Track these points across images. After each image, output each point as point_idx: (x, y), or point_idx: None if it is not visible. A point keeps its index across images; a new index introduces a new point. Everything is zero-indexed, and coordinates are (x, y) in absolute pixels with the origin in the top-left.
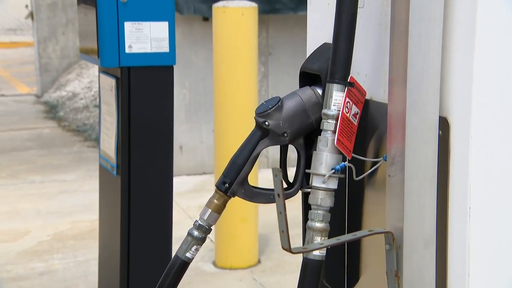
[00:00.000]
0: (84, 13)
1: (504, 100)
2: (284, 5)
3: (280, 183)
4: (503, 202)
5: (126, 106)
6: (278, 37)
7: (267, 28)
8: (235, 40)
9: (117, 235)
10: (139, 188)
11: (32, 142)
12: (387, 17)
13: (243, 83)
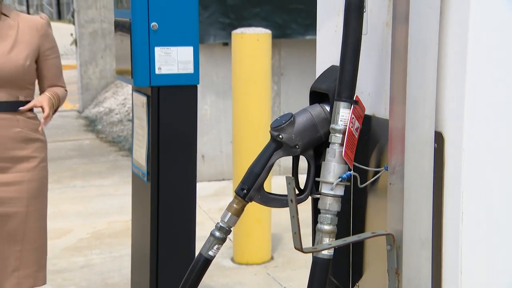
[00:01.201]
0: (120, 39)
1: (494, 117)
2: (294, 30)
3: (293, 190)
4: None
5: (155, 120)
6: (289, 59)
7: (280, 51)
8: (251, 62)
9: (148, 233)
10: (166, 192)
11: (75, 152)
12: (388, 43)
13: (258, 100)
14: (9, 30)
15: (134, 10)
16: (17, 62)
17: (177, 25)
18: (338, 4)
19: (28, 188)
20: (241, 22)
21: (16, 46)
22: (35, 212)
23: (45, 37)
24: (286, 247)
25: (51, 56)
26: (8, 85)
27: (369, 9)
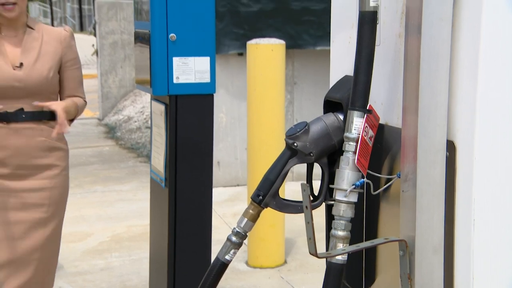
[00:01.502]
0: (140, 50)
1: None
2: (305, 41)
3: (308, 197)
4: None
5: (173, 128)
6: (302, 69)
7: (293, 61)
8: (266, 72)
9: (165, 237)
10: (183, 198)
11: (95, 158)
12: (400, 54)
13: (272, 108)
14: (33, 42)
15: (154, 22)
16: (42, 73)
17: (194, 36)
18: (351, 17)
19: (50, 195)
20: (255, 33)
21: (40, 58)
22: (55, 218)
23: (68, 48)
24: (299, 251)
25: (72, 67)
26: (33, 95)
27: (382, 20)
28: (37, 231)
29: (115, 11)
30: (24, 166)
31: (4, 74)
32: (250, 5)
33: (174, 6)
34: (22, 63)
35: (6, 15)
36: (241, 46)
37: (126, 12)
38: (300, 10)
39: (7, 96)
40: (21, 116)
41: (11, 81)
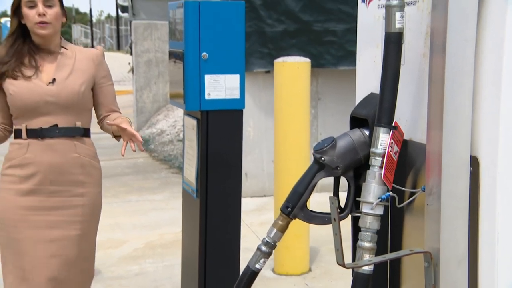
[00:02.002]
0: (173, 67)
1: None
2: (327, 61)
3: (336, 210)
4: None
5: (204, 142)
6: (326, 86)
7: (317, 78)
8: (292, 88)
9: (196, 245)
10: (214, 207)
11: (130, 169)
12: (424, 73)
13: (298, 122)
14: (67, 60)
15: (187, 42)
16: (74, 88)
17: (225, 55)
18: (376, 37)
19: (82, 212)
20: (279, 52)
21: (72, 74)
22: (88, 235)
23: (99, 66)
24: (323, 259)
25: (105, 83)
26: (66, 111)
27: (406, 41)
28: (71, 249)
29: (150, 31)
30: (57, 182)
31: (38, 90)
32: (275, 26)
33: (206, 27)
34: (55, 79)
35: (39, 32)
36: (266, 64)
37: (160, 32)
38: (322, 31)
39: (41, 112)
40: (55, 132)
41: (44, 96)
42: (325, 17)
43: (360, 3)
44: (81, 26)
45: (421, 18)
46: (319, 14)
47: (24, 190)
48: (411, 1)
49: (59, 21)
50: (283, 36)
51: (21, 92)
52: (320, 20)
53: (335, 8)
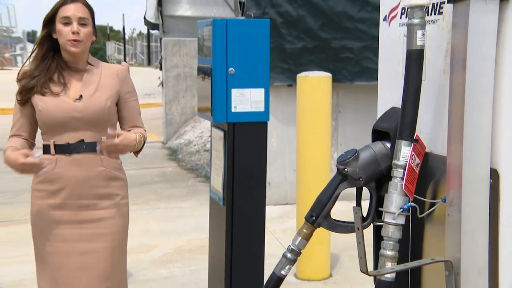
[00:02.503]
0: (202, 82)
1: None
2: (343, 76)
3: (360, 219)
4: None
5: (231, 152)
6: (346, 99)
7: (338, 92)
8: (314, 101)
9: (223, 250)
10: (239, 215)
11: (159, 178)
12: (444, 89)
13: (319, 134)
14: (93, 76)
15: (215, 58)
16: (99, 104)
17: (251, 70)
18: (398, 54)
19: (111, 224)
20: (298, 67)
21: (98, 90)
22: (119, 247)
23: (124, 82)
24: (343, 265)
25: (130, 99)
26: (92, 126)
27: (427, 58)
28: (102, 261)
29: (179, 47)
30: (85, 196)
31: (66, 106)
32: (295, 43)
33: (233, 44)
34: (82, 95)
35: (71, 49)
36: (285, 79)
37: (188, 48)
38: (339, 48)
39: (68, 128)
40: (82, 147)
41: (71, 112)
42: (342, 35)
43: (382, 21)
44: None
45: (441, 36)
46: (337, 32)
47: (53, 205)
48: (431, 20)
49: (90, 39)
50: (302, 52)
51: (49, 108)
52: (338, 37)
53: (353, 27)
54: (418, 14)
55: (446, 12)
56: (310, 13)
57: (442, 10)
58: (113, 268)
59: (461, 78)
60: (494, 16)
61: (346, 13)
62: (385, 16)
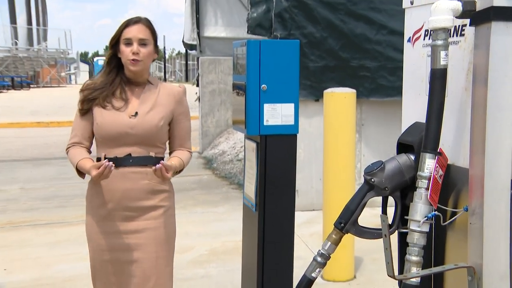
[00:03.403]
0: (236, 97)
1: None
2: (360, 93)
3: (387, 227)
4: None
5: (263, 162)
6: (369, 113)
7: (361, 106)
8: (339, 115)
9: (255, 252)
10: (270, 220)
11: (196, 185)
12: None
13: (344, 145)
14: (151, 94)
15: (249, 76)
16: (153, 122)
17: (281, 87)
18: (421, 73)
19: (155, 234)
20: (320, 84)
21: (154, 108)
22: (164, 258)
23: (179, 103)
24: (366, 268)
25: (182, 120)
26: (143, 142)
27: (449, 76)
28: (149, 270)
29: (214, 65)
30: (131, 208)
31: (121, 122)
32: (317, 62)
33: (266, 62)
34: (137, 112)
35: (131, 68)
36: (307, 94)
37: (223, 66)
38: (357, 67)
39: (119, 142)
40: (128, 161)
41: (125, 128)
42: (360, 55)
43: (406, 43)
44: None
45: (463, 56)
46: (355, 52)
47: (102, 215)
48: (453, 41)
49: (150, 58)
50: (324, 70)
51: (106, 123)
52: (356, 57)
53: (370, 48)
54: (442, 36)
55: (467, 34)
56: (332, 35)
57: (464, 32)
58: (157, 278)
59: (482, 95)
60: None
61: (365, 35)
62: (409, 38)
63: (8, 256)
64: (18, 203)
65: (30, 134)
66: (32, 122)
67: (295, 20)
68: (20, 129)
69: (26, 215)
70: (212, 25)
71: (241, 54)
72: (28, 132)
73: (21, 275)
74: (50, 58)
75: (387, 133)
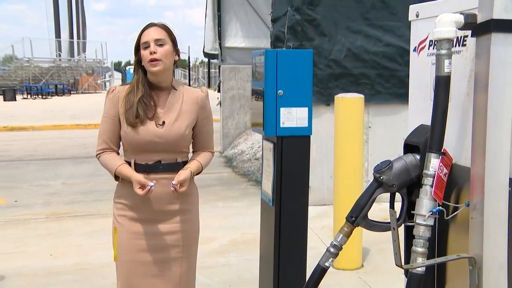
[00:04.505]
0: (255, 102)
1: None
2: None
3: (395, 221)
4: None
5: (279, 161)
6: (376, 116)
7: (369, 110)
8: (349, 118)
9: (272, 243)
10: (286, 214)
11: (217, 181)
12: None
13: (353, 146)
14: (175, 102)
15: (267, 82)
16: (180, 131)
17: (296, 92)
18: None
19: (183, 236)
20: (326, 90)
21: (180, 117)
22: (189, 258)
23: (202, 108)
24: (373, 258)
25: (205, 124)
26: (170, 149)
27: (452, 83)
28: (173, 270)
29: (234, 73)
30: (160, 211)
31: (149, 131)
32: (324, 70)
33: (282, 70)
34: (164, 122)
35: (151, 69)
36: (316, 100)
37: (242, 74)
38: (358, 74)
39: (148, 149)
40: (159, 168)
41: (153, 137)
42: (361, 65)
43: (412, 52)
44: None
45: (465, 64)
46: (356, 62)
47: (132, 217)
48: (456, 51)
49: (169, 58)
50: (330, 78)
51: (134, 132)
52: (358, 66)
53: (368, 58)
54: (446, 46)
55: (469, 44)
56: (336, 47)
57: (466, 42)
58: (181, 277)
59: (483, 100)
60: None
61: (364, 47)
62: (415, 48)
63: (53, 243)
64: (60, 197)
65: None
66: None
67: (306, 32)
68: (62, 130)
69: (67, 208)
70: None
71: (260, 62)
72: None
73: (64, 260)
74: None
75: (392, 134)
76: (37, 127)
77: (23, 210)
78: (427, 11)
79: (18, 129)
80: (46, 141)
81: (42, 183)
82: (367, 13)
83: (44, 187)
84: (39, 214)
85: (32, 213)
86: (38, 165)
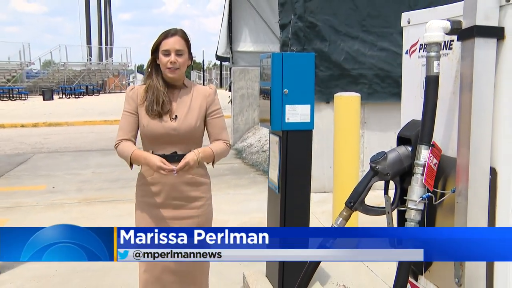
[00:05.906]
0: (263, 100)
1: None
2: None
3: (390, 206)
4: None
5: (284, 153)
6: (371, 112)
7: (364, 107)
8: (347, 115)
9: (277, 225)
10: (290, 200)
11: (228, 171)
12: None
13: (351, 139)
14: (186, 98)
15: (273, 82)
16: (191, 124)
17: (300, 91)
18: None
19: (197, 222)
20: (327, 89)
21: (190, 111)
22: None
23: (211, 102)
24: None
25: (214, 116)
26: (183, 141)
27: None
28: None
29: (244, 74)
30: (177, 198)
31: (164, 124)
32: (324, 71)
33: (287, 71)
34: (177, 116)
35: (170, 75)
36: (317, 98)
37: (251, 75)
38: (357, 75)
39: (165, 141)
40: (175, 158)
41: (168, 130)
42: (359, 66)
43: (404, 54)
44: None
45: (452, 66)
46: (355, 64)
47: (153, 203)
48: (443, 53)
49: (185, 66)
50: (330, 78)
51: (152, 126)
52: (356, 68)
53: (365, 61)
54: (435, 49)
55: (455, 48)
56: (336, 50)
57: (452, 46)
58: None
59: (468, 98)
60: (492, 51)
61: (360, 51)
62: (407, 50)
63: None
64: (91, 184)
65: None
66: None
67: (308, 37)
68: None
69: (97, 194)
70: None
71: (267, 64)
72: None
73: None
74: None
75: (385, 129)
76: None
77: (60, 196)
78: (418, 18)
79: (54, 125)
80: (78, 135)
81: (75, 172)
82: (363, 21)
83: (76, 175)
84: (73, 199)
85: (67, 198)
86: (72, 156)
